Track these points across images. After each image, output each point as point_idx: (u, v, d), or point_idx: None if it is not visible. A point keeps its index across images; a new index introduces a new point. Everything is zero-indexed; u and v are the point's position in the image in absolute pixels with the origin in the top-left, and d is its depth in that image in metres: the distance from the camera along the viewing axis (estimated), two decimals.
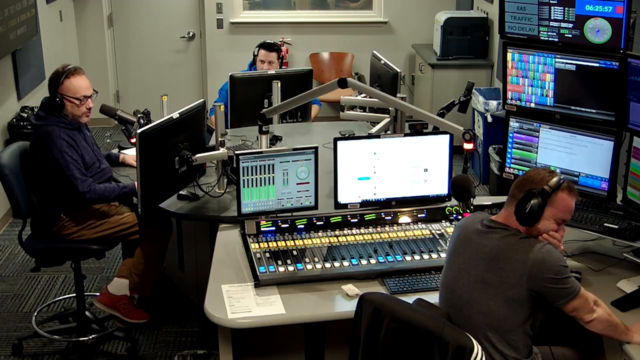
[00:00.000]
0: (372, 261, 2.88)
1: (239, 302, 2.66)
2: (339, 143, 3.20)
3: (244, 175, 3.05)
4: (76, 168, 3.43)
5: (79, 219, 3.56)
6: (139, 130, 3.05)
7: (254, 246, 2.96)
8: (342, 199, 3.26)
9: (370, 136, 3.46)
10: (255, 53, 4.93)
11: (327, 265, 2.86)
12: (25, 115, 5.54)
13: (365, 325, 2.33)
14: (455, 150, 3.35)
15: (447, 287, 2.49)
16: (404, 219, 3.21)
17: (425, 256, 2.92)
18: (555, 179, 2.40)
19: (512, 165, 3.40)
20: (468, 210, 3.06)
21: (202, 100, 3.56)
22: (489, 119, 5.76)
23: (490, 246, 2.38)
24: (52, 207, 3.52)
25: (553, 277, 2.29)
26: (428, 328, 2.20)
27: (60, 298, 4.35)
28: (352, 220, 3.17)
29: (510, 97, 3.35)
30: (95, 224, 3.57)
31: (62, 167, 3.41)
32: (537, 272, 2.30)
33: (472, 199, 2.98)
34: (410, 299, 2.66)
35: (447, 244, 2.62)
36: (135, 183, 3.52)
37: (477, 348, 2.17)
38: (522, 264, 2.31)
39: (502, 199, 2.62)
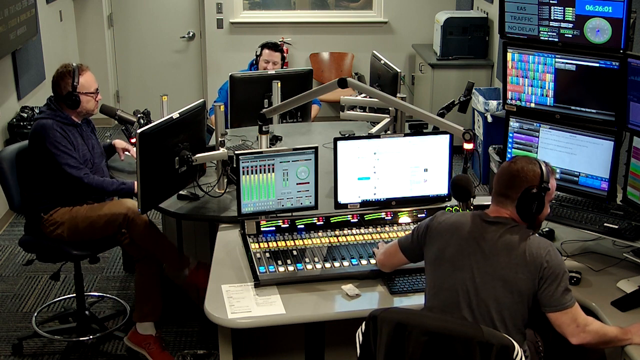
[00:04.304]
0: (372, 261, 2.88)
1: (239, 302, 2.66)
2: (339, 143, 3.20)
3: (244, 175, 3.06)
4: (70, 157, 3.47)
5: (58, 217, 3.56)
6: (139, 130, 3.05)
7: (254, 246, 2.96)
8: (342, 199, 3.26)
9: (370, 136, 3.46)
10: (258, 53, 4.92)
11: (327, 265, 2.86)
12: (25, 115, 5.54)
13: (385, 344, 2.26)
14: (455, 150, 3.35)
15: (454, 288, 2.40)
16: (404, 219, 3.21)
17: None
18: (544, 170, 2.41)
19: None
20: (468, 210, 3.05)
21: (202, 100, 3.56)
22: (489, 119, 5.76)
23: (503, 241, 2.38)
24: (40, 204, 3.55)
25: (555, 282, 2.32)
26: (467, 335, 2.17)
27: (60, 298, 4.35)
28: (352, 220, 3.17)
29: (510, 97, 3.35)
30: (78, 223, 3.57)
31: (55, 156, 3.44)
32: (545, 274, 2.33)
33: (472, 199, 2.98)
34: (410, 299, 2.66)
35: (431, 247, 2.51)
36: (135, 182, 3.53)
37: (516, 346, 2.17)
38: (537, 263, 2.33)
39: None
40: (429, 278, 2.50)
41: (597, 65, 3.03)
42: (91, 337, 3.87)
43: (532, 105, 3.28)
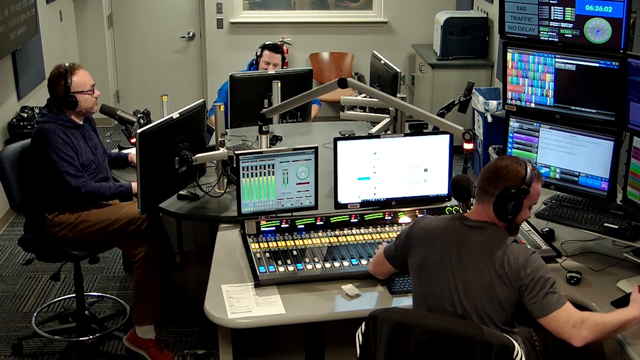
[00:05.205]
0: None
1: (239, 302, 2.66)
2: (339, 143, 3.20)
3: (244, 176, 3.06)
4: (70, 165, 3.45)
5: (65, 218, 3.55)
6: (139, 130, 3.05)
7: (254, 246, 2.96)
8: (342, 199, 3.26)
9: (370, 136, 3.46)
10: (259, 54, 4.90)
11: (327, 265, 2.86)
12: (25, 115, 5.55)
13: (385, 344, 2.26)
14: (455, 150, 3.35)
15: (440, 296, 2.40)
16: (404, 219, 3.21)
17: None
18: (528, 173, 2.40)
19: None
20: (468, 210, 3.05)
21: (202, 100, 3.56)
22: (489, 119, 5.76)
23: (483, 248, 2.38)
24: (44, 204, 3.55)
25: (536, 288, 2.31)
26: (468, 335, 2.17)
27: (60, 298, 4.35)
28: (352, 220, 3.17)
29: (510, 97, 3.35)
30: (81, 224, 3.57)
31: (55, 164, 3.43)
32: (524, 283, 2.32)
33: (472, 199, 2.97)
34: (410, 299, 2.65)
35: (414, 255, 2.51)
36: (133, 183, 3.53)
37: (516, 346, 2.17)
38: (515, 272, 2.33)
39: None
40: (415, 285, 2.50)
41: (597, 65, 3.03)
42: (91, 337, 3.87)
43: (532, 105, 3.28)
